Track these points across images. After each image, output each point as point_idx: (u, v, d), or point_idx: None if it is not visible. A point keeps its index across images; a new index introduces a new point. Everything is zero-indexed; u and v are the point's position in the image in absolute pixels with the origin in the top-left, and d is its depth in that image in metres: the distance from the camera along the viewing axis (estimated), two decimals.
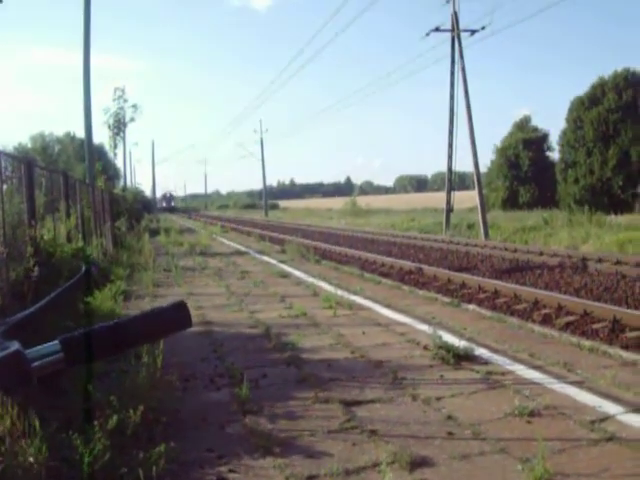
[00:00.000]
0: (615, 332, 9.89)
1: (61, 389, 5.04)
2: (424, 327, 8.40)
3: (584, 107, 54.26)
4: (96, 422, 4.27)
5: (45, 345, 1.16)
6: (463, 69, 31.20)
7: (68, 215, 11.97)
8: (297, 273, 15.36)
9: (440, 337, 7.21)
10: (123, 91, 49.82)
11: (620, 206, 43.88)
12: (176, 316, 1.27)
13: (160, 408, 5.07)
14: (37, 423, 4.00)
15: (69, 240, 11.31)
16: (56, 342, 1.16)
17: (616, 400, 5.36)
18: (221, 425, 5.13)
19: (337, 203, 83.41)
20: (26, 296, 7.28)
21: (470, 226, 35.29)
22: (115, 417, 4.42)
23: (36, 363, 1.12)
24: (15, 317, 5.07)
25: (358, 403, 5.54)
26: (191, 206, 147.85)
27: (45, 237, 9.20)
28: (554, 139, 61.56)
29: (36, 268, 7.75)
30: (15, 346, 1.08)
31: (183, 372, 6.34)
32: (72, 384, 5.13)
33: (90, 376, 4.99)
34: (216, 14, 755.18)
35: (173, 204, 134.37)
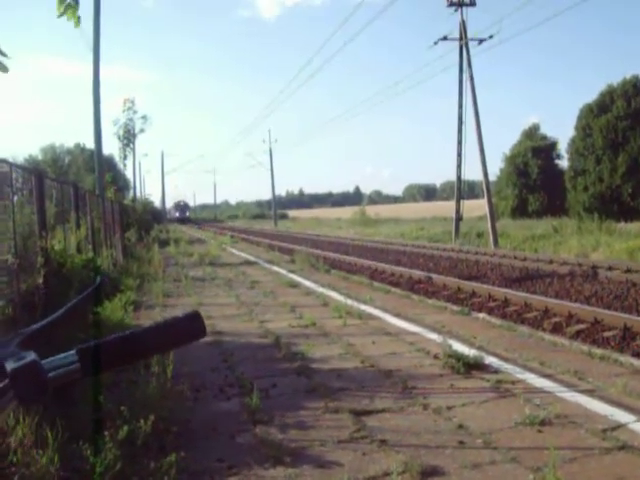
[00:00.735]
0: (626, 340, 9.87)
1: (72, 400, 5.06)
2: (434, 336, 8.39)
3: (593, 115, 54.18)
4: (107, 432, 4.28)
5: (61, 355, 1.17)
6: (471, 78, 31.25)
7: (78, 226, 12.01)
8: (307, 283, 15.36)
9: (450, 346, 7.21)
10: (133, 102, 50.15)
11: (630, 214, 43.76)
12: (190, 326, 1.27)
13: (171, 418, 5.09)
14: (49, 434, 4.02)
15: (79, 251, 11.35)
16: (72, 352, 1.17)
17: (628, 408, 5.34)
18: (231, 435, 5.14)
19: (346, 213, 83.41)
20: (36, 307, 7.30)
21: (479, 235, 35.24)
22: (126, 427, 4.44)
23: (52, 373, 1.13)
24: (30, 328, 5.10)
25: (368, 413, 5.54)
26: (200, 216, 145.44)
27: (56, 248, 9.24)
28: (563, 147, 61.53)
29: (47, 279, 7.78)
30: (31, 356, 1.10)
31: (193, 382, 6.35)
32: (83, 394, 5.15)
33: (100, 386, 5.01)
34: (225, 24, 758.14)
35: (188, 214, 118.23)
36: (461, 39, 31.85)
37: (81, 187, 14.57)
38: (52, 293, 7.80)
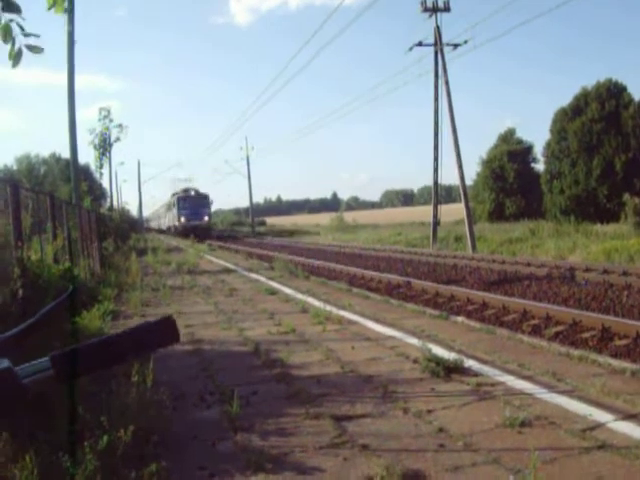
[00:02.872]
0: (604, 340, 9.95)
1: (50, 410, 5.00)
2: (413, 340, 8.41)
3: (568, 118, 54.72)
4: (86, 443, 4.24)
5: (35, 362, 1.16)
6: (447, 83, 31.43)
7: (55, 236, 11.92)
8: (286, 290, 15.34)
9: (430, 350, 7.22)
10: (109, 111, 49.60)
11: (606, 215, 44.21)
12: (164, 331, 1.27)
13: (151, 427, 5.04)
14: (28, 446, 3.98)
15: (56, 261, 11.26)
16: (46, 359, 1.16)
17: (606, 408, 5.37)
18: (212, 443, 5.11)
19: (324, 219, 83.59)
20: (13, 318, 7.23)
21: (457, 239, 35.45)
22: (105, 437, 4.39)
23: (27, 380, 1.12)
24: (2, 336, 5.04)
25: (349, 418, 5.53)
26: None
27: (32, 258, 9.17)
28: (539, 150, 62.11)
29: (23, 289, 7.72)
30: (5, 363, 1.09)
31: (173, 391, 6.31)
32: (61, 405, 5.10)
33: (79, 396, 4.96)
34: (200, 31, 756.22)
35: (207, 219, 65.60)
36: (436, 44, 32.03)
37: (57, 197, 14.47)
38: (29, 303, 7.73)
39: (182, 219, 63.82)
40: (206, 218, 64.78)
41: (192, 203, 64.21)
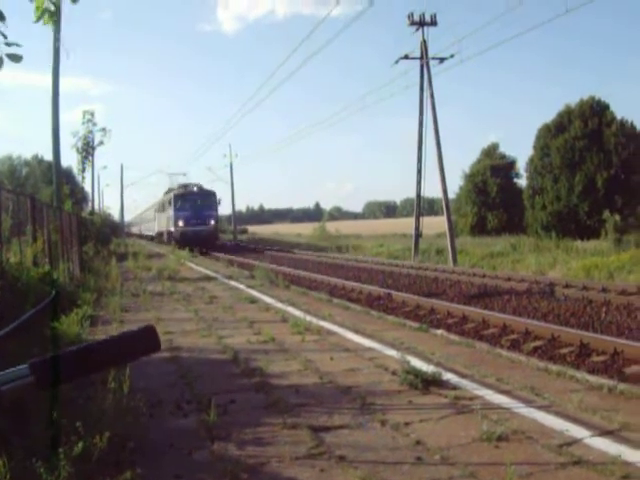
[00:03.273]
0: (582, 356, 10.00)
1: (26, 416, 4.96)
2: (393, 352, 8.40)
3: (551, 134, 55.15)
4: (61, 449, 4.20)
5: (14, 369, 1.16)
6: (432, 96, 31.60)
7: (35, 239, 11.85)
8: (266, 298, 15.31)
9: (408, 362, 7.23)
10: (92, 114, 49.40)
11: (587, 232, 44.47)
12: (145, 340, 1.27)
13: (127, 434, 5.01)
14: (1, 451, 3.94)
15: (36, 264, 11.19)
16: (25, 366, 1.15)
17: (583, 424, 5.40)
18: (189, 451, 5.08)
19: (306, 228, 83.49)
20: None
21: (439, 252, 35.56)
22: (81, 444, 4.36)
23: (5, 387, 1.11)
24: None
25: (326, 429, 5.52)
26: None
27: (11, 261, 9.10)
28: (521, 166, 62.52)
29: (1, 292, 7.66)
30: None
31: (150, 398, 6.27)
32: (37, 411, 5.05)
33: (55, 402, 4.92)
34: (186, 37, 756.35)
35: (213, 222, 50.34)
36: (422, 58, 32.20)
37: (38, 199, 14.39)
38: (7, 307, 7.67)
39: (180, 223, 48.06)
40: (212, 222, 49.13)
41: (194, 203, 49.15)
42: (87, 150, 48.13)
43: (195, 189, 51.06)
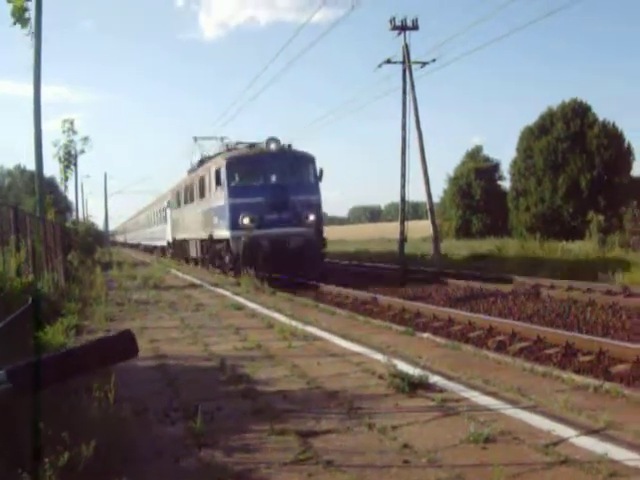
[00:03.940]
0: (567, 357, 10.04)
1: (9, 426, 4.92)
2: (379, 356, 8.40)
3: (534, 137, 55.51)
4: (47, 459, 4.17)
5: None
6: (414, 100, 31.65)
7: (18, 249, 11.76)
8: (252, 305, 15.28)
9: (395, 366, 7.22)
10: (72, 123, 48.99)
11: (571, 233, 44.76)
12: (122, 345, 1.27)
13: (113, 443, 4.98)
14: None
15: (19, 274, 11.11)
16: (2, 372, 1.15)
17: (569, 423, 5.42)
18: (176, 459, 5.05)
19: None
20: None
21: (424, 255, 35.56)
22: (66, 453, 4.32)
23: None
24: None
25: (314, 434, 5.51)
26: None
27: None
28: (505, 168, 62.88)
29: None
30: None
31: (137, 406, 6.25)
32: (21, 421, 5.01)
33: (40, 412, 4.88)
34: (168, 45, 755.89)
35: (313, 218, 23.55)
36: (404, 62, 32.22)
37: (21, 209, 14.31)
38: None
39: (244, 221, 23.24)
40: (312, 218, 23.78)
41: (273, 180, 25.16)
42: (69, 159, 47.86)
43: (273, 147, 24.64)
